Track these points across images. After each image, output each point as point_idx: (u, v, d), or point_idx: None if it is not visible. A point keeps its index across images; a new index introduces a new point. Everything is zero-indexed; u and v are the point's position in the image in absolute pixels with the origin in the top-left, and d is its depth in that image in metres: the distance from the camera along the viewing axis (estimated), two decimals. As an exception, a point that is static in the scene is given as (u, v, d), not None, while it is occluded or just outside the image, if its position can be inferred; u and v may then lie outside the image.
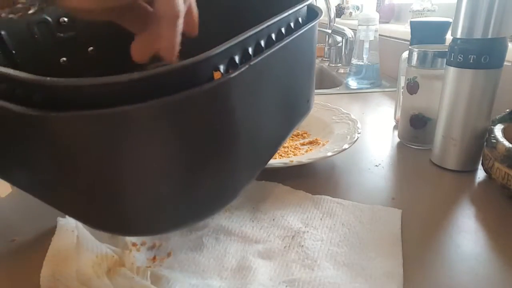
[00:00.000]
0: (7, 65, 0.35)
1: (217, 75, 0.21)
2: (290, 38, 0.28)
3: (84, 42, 0.44)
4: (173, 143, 0.20)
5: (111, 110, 0.17)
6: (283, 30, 0.28)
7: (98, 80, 0.17)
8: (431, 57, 0.47)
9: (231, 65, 0.22)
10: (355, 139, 0.46)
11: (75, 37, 0.42)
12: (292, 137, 0.54)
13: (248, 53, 0.23)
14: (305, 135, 0.55)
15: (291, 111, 0.33)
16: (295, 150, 0.49)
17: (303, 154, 0.48)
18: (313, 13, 0.34)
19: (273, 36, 0.26)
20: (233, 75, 0.21)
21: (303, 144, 0.51)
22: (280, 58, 0.27)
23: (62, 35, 0.41)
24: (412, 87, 0.50)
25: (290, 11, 0.28)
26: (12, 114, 0.19)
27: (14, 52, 0.36)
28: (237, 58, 0.22)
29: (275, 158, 0.46)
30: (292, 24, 0.30)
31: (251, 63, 0.23)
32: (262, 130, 0.27)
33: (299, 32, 0.29)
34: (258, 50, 0.24)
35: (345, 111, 0.56)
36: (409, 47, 0.50)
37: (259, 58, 0.24)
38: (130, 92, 0.18)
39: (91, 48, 0.45)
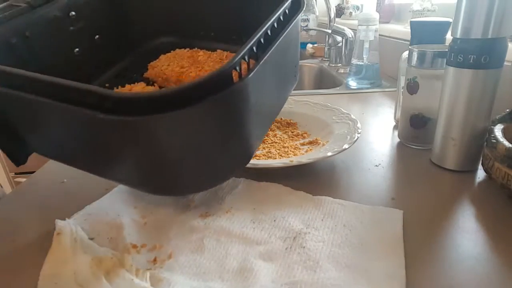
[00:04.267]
0: (33, 62, 0.41)
1: (235, 74, 0.27)
2: (286, 32, 0.35)
3: (91, 32, 0.49)
4: (214, 129, 0.28)
5: (179, 111, 0.25)
6: (275, 25, 0.34)
7: (160, 92, 0.24)
8: (431, 57, 0.47)
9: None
10: (355, 139, 0.46)
11: (83, 28, 0.48)
12: (292, 137, 0.54)
13: (253, 50, 0.30)
14: (305, 135, 0.55)
15: (284, 85, 0.41)
16: (295, 150, 0.49)
17: (303, 154, 0.48)
18: (296, 2, 0.39)
19: (269, 32, 0.32)
20: (250, 74, 0.28)
21: (303, 144, 0.51)
22: (278, 49, 0.34)
23: (72, 28, 0.46)
24: (412, 87, 0.50)
25: (281, 9, 0.34)
26: (106, 122, 0.26)
27: (38, 50, 0.42)
28: (246, 58, 0.28)
29: (275, 158, 0.46)
30: (281, 17, 0.35)
31: (261, 61, 0.30)
32: (265, 103, 0.35)
33: (291, 25, 0.36)
34: (260, 47, 0.31)
35: (345, 111, 0.56)
36: (409, 47, 0.50)
37: (266, 56, 0.31)
38: (181, 97, 0.25)
39: (97, 36, 0.50)
